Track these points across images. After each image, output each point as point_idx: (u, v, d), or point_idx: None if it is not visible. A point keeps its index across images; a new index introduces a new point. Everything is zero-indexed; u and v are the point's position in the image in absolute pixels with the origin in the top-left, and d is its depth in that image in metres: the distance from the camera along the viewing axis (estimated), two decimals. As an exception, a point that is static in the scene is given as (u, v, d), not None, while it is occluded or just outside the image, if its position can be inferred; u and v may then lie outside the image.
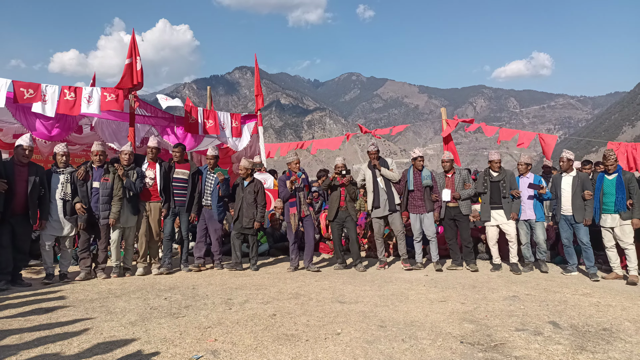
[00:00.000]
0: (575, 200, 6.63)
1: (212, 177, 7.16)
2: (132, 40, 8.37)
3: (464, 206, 7.11)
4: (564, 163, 6.82)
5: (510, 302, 4.98)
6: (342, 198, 7.18)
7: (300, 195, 7.03)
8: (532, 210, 6.93)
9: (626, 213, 6.26)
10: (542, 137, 9.68)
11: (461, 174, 7.24)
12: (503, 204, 6.96)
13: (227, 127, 9.94)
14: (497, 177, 7.06)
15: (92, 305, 4.84)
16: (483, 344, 3.61)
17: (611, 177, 6.44)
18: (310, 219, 7.12)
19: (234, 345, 3.58)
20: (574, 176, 6.75)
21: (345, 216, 7.18)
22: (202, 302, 4.97)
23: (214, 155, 7.32)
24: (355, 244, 7.25)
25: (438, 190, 7.16)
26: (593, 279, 6.26)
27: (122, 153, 6.70)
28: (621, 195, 6.26)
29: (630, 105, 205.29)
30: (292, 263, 7.07)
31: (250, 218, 7.02)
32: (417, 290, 5.56)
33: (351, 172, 7.24)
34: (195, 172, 7.11)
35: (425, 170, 7.17)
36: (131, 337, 3.77)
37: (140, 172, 6.72)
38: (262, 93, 10.99)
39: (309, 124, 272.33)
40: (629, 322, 4.24)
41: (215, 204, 7.07)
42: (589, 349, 3.51)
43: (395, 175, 7.16)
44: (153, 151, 6.97)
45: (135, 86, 8.25)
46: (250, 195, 7.08)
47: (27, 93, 7.45)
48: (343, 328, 4.01)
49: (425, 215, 7.11)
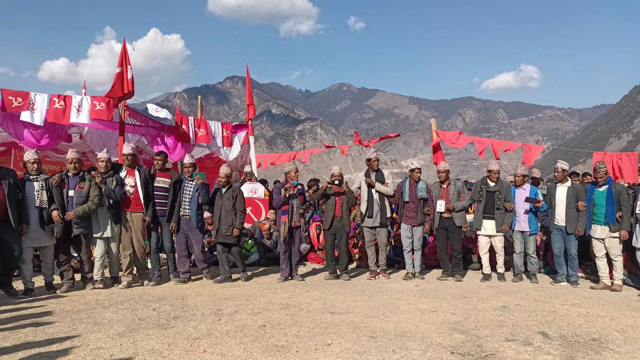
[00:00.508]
0: (569, 211, 6.68)
1: (191, 185, 6.90)
2: (123, 49, 8.35)
3: (457, 218, 7.12)
4: (558, 173, 6.85)
5: (500, 312, 5.00)
6: (337, 207, 7.17)
7: (293, 204, 6.97)
8: (526, 223, 6.95)
9: (615, 225, 6.33)
10: (529, 147, 9.79)
11: (456, 185, 7.25)
12: (495, 215, 6.97)
13: (218, 137, 9.93)
14: (494, 187, 7.05)
15: (79, 316, 4.77)
16: (473, 355, 3.61)
17: (602, 189, 6.52)
18: (300, 230, 7.07)
19: (223, 356, 3.55)
20: (568, 187, 6.78)
21: (340, 226, 7.18)
22: (191, 313, 4.92)
23: (191, 163, 7.08)
24: (345, 255, 7.24)
25: (433, 202, 7.16)
26: (574, 285, 6.54)
27: (99, 160, 6.43)
28: (611, 207, 6.33)
29: (616, 118, 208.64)
30: (283, 273, 7.02)
31: (229, 225, 6.84)
32: (408, 301, 5.56)
33: (343, 181, 7.23)
34: (176, 180, 6.90)
35: (422, 182, 7.16)
36: (119, 348, 3.71)
37: (120, 179, 6.43)
38: (253, 103, 11.00)
39: (300, 134, 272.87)
40: (617, 332, 4.27)
41: (194, 211, 6.79)
42: (578, 359, 3.53)
43: (390, 190, 7.17)
44: (129, 158, 6.63)
45: (126, 95, 8.21)
46: (229, 201, 6.88)
47: (15, 101, 7.39)
48: (334, 339, 3.99)
49: (416, 228, 7.14)
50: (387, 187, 7.18)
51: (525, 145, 9.89)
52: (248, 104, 10.94)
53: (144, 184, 6.60)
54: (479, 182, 7.30)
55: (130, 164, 6.65)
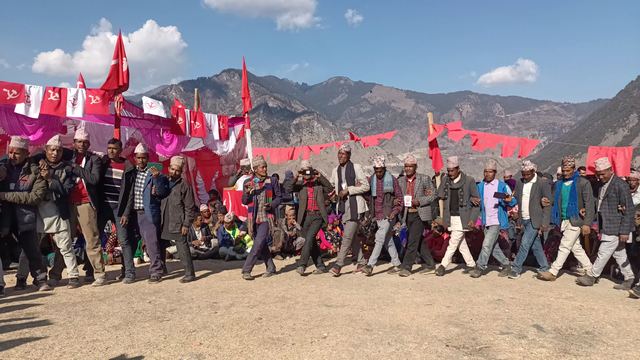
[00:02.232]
0: (533, 206, 6.83)
1: (143, 177, 6.51)
2: (119, 40, 8.28)
3: (422, 212, 7.17)
4: (527, 172, 7.02)
5: (495, 305, 5.03)
6: (310, 201, 7.07)
7: (258, 200, 6.78)
8: (496, 218, 7.04)
9: (577, 219, 6.48)
10: (525, 141, 9.83)
11: (422, 180, 7.27)
12: (460, 211, 7.03)
13: (214, 129, 9.87)
14: (457, 184, 7.12)
15: (74, 308, 4.77)
16: (468, 347, 3.63)
17: (567, 184, 6.68)
18: (266, 226, 6.77)
19: (219, 349, 3.56)
20: (533, 183, 6.94)
21: (312, 220, 7.08)
22: (187, 306, 4.93)
23: (143, 153, 6.65)
24: (307, 246, 7.05)
25: (401, 194, 7.14)
26: (510, 276, 6.81)
27: (49, 148, 5.78)
28: (573, 202, 6.49)
29: (612, 113, 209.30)
30: (245, 268, 6.74)
31: (177, 222, 6.48)
32: (403, 294, 5.58)
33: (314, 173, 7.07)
34: (129, 171, 6.44)
35: (387, 176, 7.12)
36: (115, 341, 3.71)
37: (70, 170, 5.86)
38: (249, 96, 10.93)
39: (297, 128, 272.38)
40: (610, 325, 4.30)
41: (147, 204, 6.35)
42: (572, 352, 3.55)
43: (363, 188, 7.06)
44: (84, 145, 6.16)
45: (121, 87, 8.16)
46: (177, 197, 6.51)
47: (10, 94, 7.32)
48: (329, 332, 4.00)
49: (383, 221, 7.11)
50: (360, 185, 7.07)
51: (521, 140, 9.92)
52: (243, 96, 10.88)
53: (99, 173, 6.12)
54: (444, 179, 7.37)
55: (83, 151, 6.15)
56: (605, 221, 6.19)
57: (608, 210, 6.17)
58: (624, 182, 6.37)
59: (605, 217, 6.19)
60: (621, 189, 6.12)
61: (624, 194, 6.07)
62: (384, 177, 7.08)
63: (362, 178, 7.12)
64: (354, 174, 7.14)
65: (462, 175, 7.18)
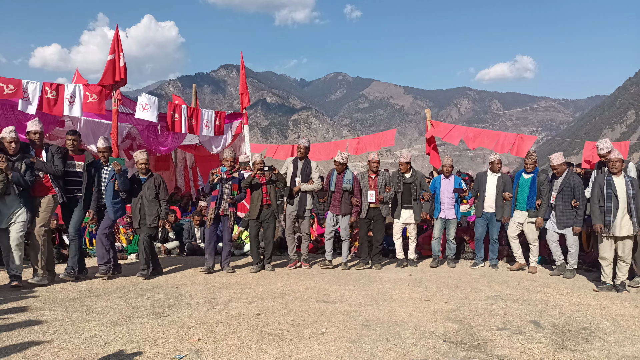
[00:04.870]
0: (498, 199, 7.16)
1: (106, 172, 6.33)
2: (116, 35, 8.25)
3: (384, 208, 7.26)
4: (495, 165, 7.33)
5: (493, 301, 5.04)
6: (264, 196, 6.95)
7: (223, 190, 6.68)
8: (452, 211, 7.39)
9: (533, 211, 6.75)
10: (522, 137, 9.84)
11: (384, 177, 7.31)
12: (413, 205, 7.27)
13: (210, 126, 9.84)
14: (409, 179, 7.32)
15: (72, 304, 4.76)
16: (466, 343, 3.64)
17: (527, 177, 6.92)
18: (228, 219, 6.76)
19: (218, 344, 3.56)
20: (498, 177, 7.25)
21: (268, 215, 7.00)
22: (186, 302, 4.93)
23: (105, 147, 6.45)
24: (271, 244, 7.06)
25: (359, 195, 7.16)
26: (494, 268, 7.14)
27: (5, 140, 5.50)
28: (532, 194, 6.76)
29: (610, 109, 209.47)
30: (207, 263, 6.74)
31: (154, 216, 6.41)
32: (401, 290, 5.59)
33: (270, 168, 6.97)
34: (90, 163, 6.22)
35: (348, 173, 7.15)
36: (113, 336, 3.72)
37: (29, 162, 5.58)
38: (247, 91, 10.89)
39: (295, 123, 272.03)
40: (607, 321, 4.32)
41: (110, 200, 6.17)
42: (569, 348, 3.57)
43: (314, 187, 7.14)
44: (40, 136, 5.84)
45: (118, 83, 8.13)
46: (151, 191, 6.41)
47: (7, 89, 7.30)
48: (327, 327, 4.01)
49: (340, 217, 7.15)
50: (313, 182, 7.11)
51: (518, 136, 9.92)
52: (241, 92, 10.83)
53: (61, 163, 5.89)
54: (396, 174, 7.46)
55: (40, 144, 5.86)
56: (559, 214, 6.53)
57: (562, 203, 6.50)
58: (578, 177, 6.69)
59: (559, 210, 6.52)
60: (575, 184, 6.42)
61: (578, 189, 6.40)
62: (344, 174, 7.12)
63: (315, 176, 7.19)
64: (310, 170, 7.18)
65: (413, 170, 7.39)
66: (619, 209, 5.57)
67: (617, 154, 5.67)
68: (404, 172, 7.36)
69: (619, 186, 5.60)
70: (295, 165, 7.26)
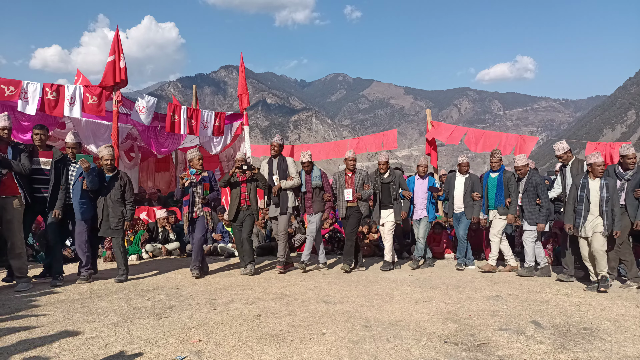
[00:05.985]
0: (467, 199, 7.27)
1: (74, 169, 6.08)
2: (116, 37, 8.26)
3: (363, 206, 7.19)
4: (463, 167, 7.46)
5: (494, 302, 5.04)
6: (242, 196, 6.81)
7: (194, 194, 6.49)
8: (424, 210, 7.46)
9: (503, 209, 6.85)
10: (523, 138, 9.84)
11: (361, 175, 7.26)
12: (394, 204, 7.22)
13: (209, 126, 9.84)
14: (387, 178, 7.26)
15: (73, 305, 4.77)
16: (467, 344, 3.64)
17: (494, 175, 7.04)
18: (203, 220, 6.50)
19: (219, 345, 3.56)
20: (466, 177, 7.40)
21: (246, 215, 6.83)
22: (186, 303, 4.93)
23: (73, 143, 6.25)
24: (247, 243, 6.80)
25: (329, 190, 7.18)
26: (461, 268, 7.19)
27: None
28: (499, 192, 6.89)
29: (610, 109, 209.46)
30: (192, 265, 6.51)
31: (119, 218, 6.14)
32: (402, 290, 5.59)
33: (250, 166, 6.87)
34: (59, 159, 5.96)
35: (315, 170, 7.14)
36: (114, 338, 3.72)
37: None
38: (247, 92, 10.89)
39: (295, 124, 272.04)
40: (608, 321, 4.32)
41: (77, 199, 5.91)
42: (570, 348, 3.57)
43: (294, 183, 6.97)
44: (7, 132, 5.57)
45: (118, 84, 8.15)
46: (116, 191, 6.12)
47: (7, 90, 7.32)
48: (328, 328, 4.01)
49: (313, 216, 7.10)
50: (292, 180, 6.96)
51: (520, 137, 9.92)
52: (240, 93, 10.82)
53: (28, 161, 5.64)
54: (373, 174, 7.43)
55: (7, 140, 5.63)
56: (527, 213, 6.69)
57: (528, 202, 6.70)
58: (540, 176, 6.96)
59: (526, 209, 6.71)
60: (538, 183, 6.65)
61: (541, 188, 6.61)
62: (312, 172, 7.12)
63: (293, 172, 7.06)
64: (287, 166, 7.06)
65: (391, 170, 7.36)
66: (590, 211, 5.69)
67: (598, 158, 5.73)
68: (382, 173, 7.25)
69: (593, 189, 5.70)
70: (270, 164, 7.13)
